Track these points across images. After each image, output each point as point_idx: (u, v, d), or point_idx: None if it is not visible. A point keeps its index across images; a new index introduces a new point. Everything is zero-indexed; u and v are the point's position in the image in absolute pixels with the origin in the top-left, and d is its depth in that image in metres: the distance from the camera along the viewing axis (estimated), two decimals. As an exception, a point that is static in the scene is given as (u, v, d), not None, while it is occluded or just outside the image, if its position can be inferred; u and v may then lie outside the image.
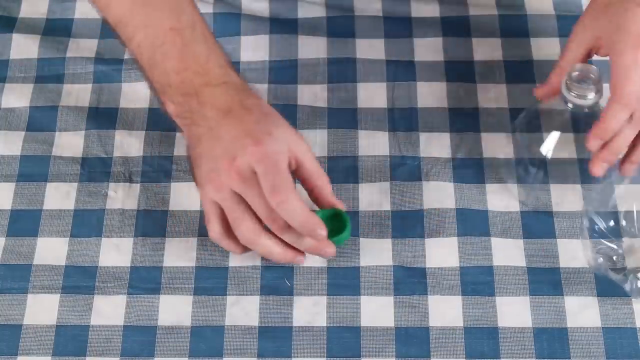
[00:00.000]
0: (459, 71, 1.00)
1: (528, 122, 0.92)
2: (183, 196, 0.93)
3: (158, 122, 0.98)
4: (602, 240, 0.86)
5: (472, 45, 1.02)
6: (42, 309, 0.88)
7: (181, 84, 0.85)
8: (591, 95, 0.84)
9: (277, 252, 0.85)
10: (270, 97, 0.99)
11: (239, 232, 0.83)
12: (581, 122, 0.88)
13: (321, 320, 0.87)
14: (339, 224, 0.88)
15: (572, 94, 0.84)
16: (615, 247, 0.86)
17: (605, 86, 0.85)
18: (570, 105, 0.85)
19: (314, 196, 0.86)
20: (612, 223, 0.87)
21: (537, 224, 0.91)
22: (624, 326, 0.86)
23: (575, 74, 0.84)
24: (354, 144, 0.96)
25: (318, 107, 0.99)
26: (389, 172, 0.95)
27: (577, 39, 0.88)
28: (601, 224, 0.86)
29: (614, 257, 0.86)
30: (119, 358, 0.86)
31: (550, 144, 0.90)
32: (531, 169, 0.93)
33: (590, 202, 0.87)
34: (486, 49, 1.02)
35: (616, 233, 0.88)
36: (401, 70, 1.00)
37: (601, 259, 0.86)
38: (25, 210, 0.93)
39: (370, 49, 1.02)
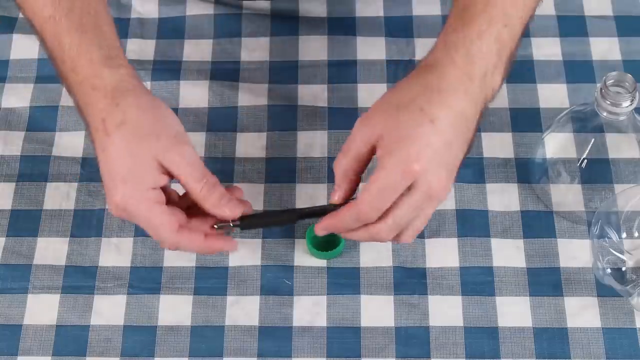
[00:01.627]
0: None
1: (529, 122, 0.92)
2: (183, 196, 0.93)
3: (158, 122, 0.98)
4: (612, 251, 0.85)
5: (472, 45, 1.02)
6: (42, 309, 0.88)
7: (64, 80, 0.79)
8: (626, 104, 0.82)
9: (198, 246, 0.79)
10: (270, 97, 0.99)
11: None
12: (581, 123, 0.89)
13: (321, 320, 0.87)
14: (332, 236, 0.89)
15: (607, 102, 0.83)
16: (624, 259, 0.85)
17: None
18: (604, 113, 0.84)
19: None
20: (624, 235, 0.86)
21: (537, 224, 0.91)
22: (624, 326, 0.86)
23: (610, 81, 0.83)
24: (354, 144, 0.96)
25: (318, 107, 0.99)
26: (389, 172, 0.94)
27: (360, 133, 0.75)
28: (613, 236, 0.85)
29: (623, 269, 0.85)
30: (119, 358, 0.86)
31: (553, 146, 0.90)
32: (531, 169, 0.93)
33: (602, 212, 0.87)
34: (486, 49, 1.02)
35: (627, 245, 0.87)
36: (401, 70, 1.00)
37: (609, 270, 0.85)
38: (25, 210, 0.93)
39: (370, 49, 1.02)
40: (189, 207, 0.80)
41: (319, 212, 0.78)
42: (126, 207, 0.76)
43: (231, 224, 0.77)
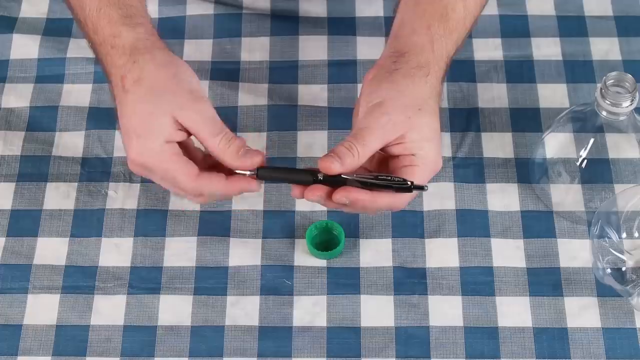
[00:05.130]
0: (459, 71, 1.00)
1: (529, 122, 0.92)
2: (183, 196, 0.93)
3: (158, 122, 0.98)
4: (612, 250, 0.85)
5: (472, 45, 1.02)
6: (42, 309, 0.88)
7: (89, 42, 0.82)
8: (626, 104, 0.82)
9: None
10: (270, 97, 0.99)
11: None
12: (581, 123, 0.89)
13: (321, 320, 0.87)
14: (332, 236, 0.89)
15: (607, 101, 0.83)
16: (624, 258, 0.85)
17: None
18: (604, 113, 0.84)
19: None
20: (624, 235, 0.86)
21: (537, 224, 0.91)
22: (624, 326, 0.86)
23: (610, 82, 0.83)
24: (354, 144, 0.96)
25: (318, 107, 0.99)
26: (389, 172, 0.94)
27: (383, 131, 0.77)
28: (613, 236, 0.85)
29: (623, 269, 0.85)
30: (119, 358, 0.86)
31: (553, 146, 0.90)
32: (531, 169, 0.93)
33: (602, 212, 0.86)
34: (486, 49, 1.02)
35: (627, 245, 0.87)
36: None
37: (609, 270, 0.85)
38: (25, 210, 0.93)
39: (370, 49, 1.02)
40: (210, 168, 0.80)
41: (335, 182, 0.77)
42: (143, 162, 0.77)
43: (248, 174, 0.77)
